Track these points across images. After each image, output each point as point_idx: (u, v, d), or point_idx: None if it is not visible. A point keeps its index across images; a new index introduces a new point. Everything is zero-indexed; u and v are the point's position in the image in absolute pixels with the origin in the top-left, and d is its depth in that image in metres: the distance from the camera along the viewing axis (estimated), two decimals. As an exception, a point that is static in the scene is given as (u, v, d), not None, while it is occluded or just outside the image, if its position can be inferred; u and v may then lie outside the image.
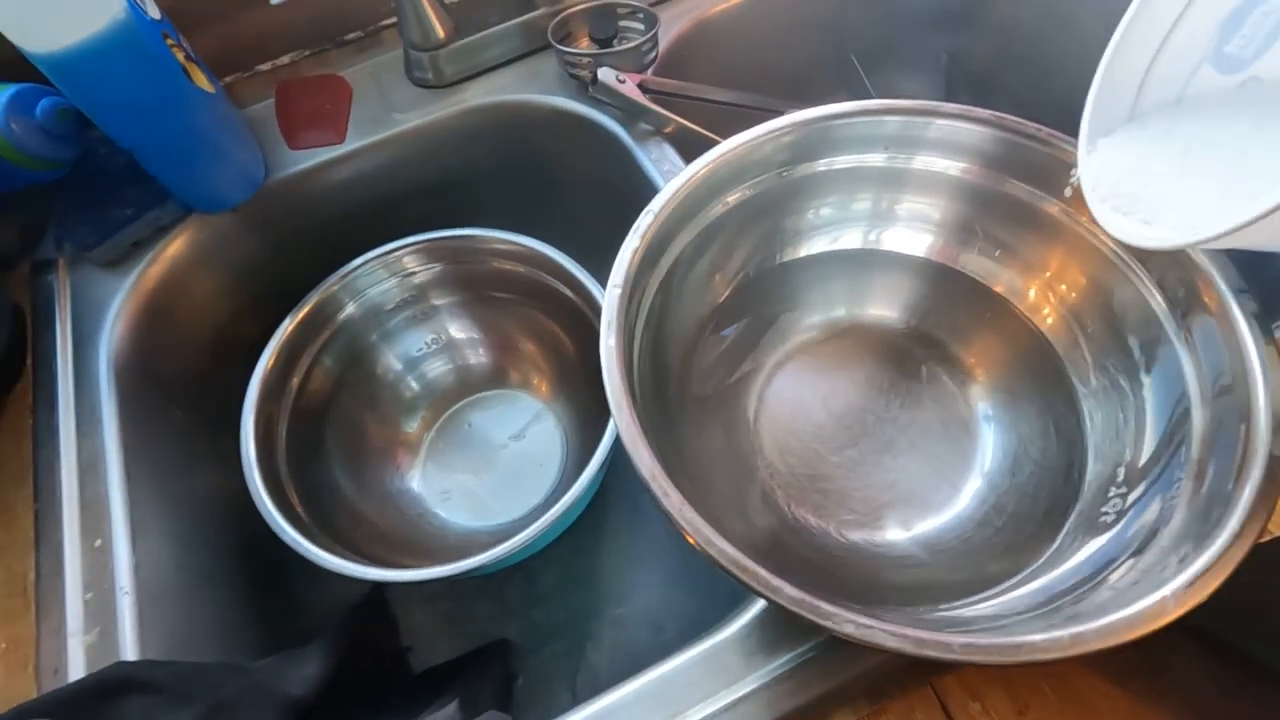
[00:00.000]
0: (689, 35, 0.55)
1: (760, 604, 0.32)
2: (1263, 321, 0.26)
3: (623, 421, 0.25)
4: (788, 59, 0.61)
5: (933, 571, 0.31)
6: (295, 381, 0.47)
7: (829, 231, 0.37)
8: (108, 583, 0.36)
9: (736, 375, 0.38)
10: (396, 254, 0.48)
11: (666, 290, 0.33)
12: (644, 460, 0.24)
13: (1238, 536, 0.22)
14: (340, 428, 0.50)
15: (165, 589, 0.38)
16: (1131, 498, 0.28)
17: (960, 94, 0.64)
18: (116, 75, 0.38)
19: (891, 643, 0.20)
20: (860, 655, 0.30)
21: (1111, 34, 0.53)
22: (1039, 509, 0.31)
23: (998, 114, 0.33)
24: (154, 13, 0.41)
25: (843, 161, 0.36)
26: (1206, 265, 0.27)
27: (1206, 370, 0.27)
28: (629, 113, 0.49)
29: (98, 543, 0.37)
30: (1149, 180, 0.26)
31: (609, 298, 0.28)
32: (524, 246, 0.46)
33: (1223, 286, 0.26)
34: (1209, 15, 0.26)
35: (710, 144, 0.48)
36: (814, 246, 0.37)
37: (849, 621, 0.21)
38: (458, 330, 0.54)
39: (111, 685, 0.31)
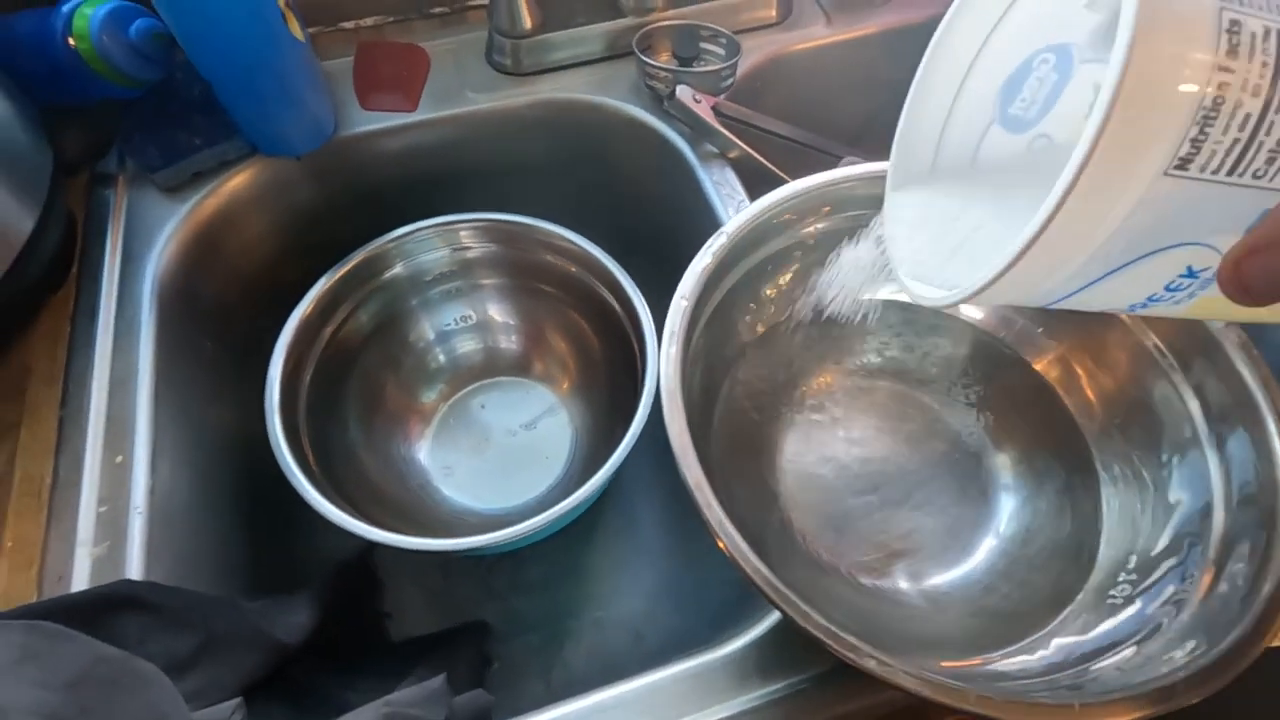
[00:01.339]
0: (764, 67, 0.56)
1: (761, 627, 0.33)
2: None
3: (675, 428, 0.26)
4: (853, 107, 0.62)
5: (936, 626, 0.32)
6: (329, 331, 0.48)
7: (893, 281, 0.38)
8: (123, 499, 0.36)
9: (774, 401, 0.39)
10: (454, 227, 0.49)
11: (725, 309, 0.34)
12: (691, 468, 0.25)
13: (1249, 640, 0.23)
14: (362, 386, 0.51)
15: (175, 514, 0.38)
16: (1141, 585, 0.29)
17: (1010, 171, 0.66)
18: (220, 10, 0.39)
19: (910, 684, 0.21)
20: (854, 692, 0.31)
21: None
22: (1047, 581, 0.32)
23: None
24: (264, -44, 0.42)
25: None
26: (1252, 382, 0.28)
27: (1234, 477, 0.28)
28: (697, 132, 0.50)
29: (119, 459, 0.37)
30: (935, 236, 0.26)
31: (674, 309, 0.29)
32: (580, 248, 0.47)
33: (1263, 405, 0.27)
34: (990, 79, 0.26)
35: (770, 174, 0.50)
36: (879, 291, 0.38)
37: (870, 657, 0.21)
38: (495, 312, 0.55)
39: (115, 600, 0.32)
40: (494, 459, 0.55)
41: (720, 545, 0.24)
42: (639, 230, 0.56)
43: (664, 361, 0.28)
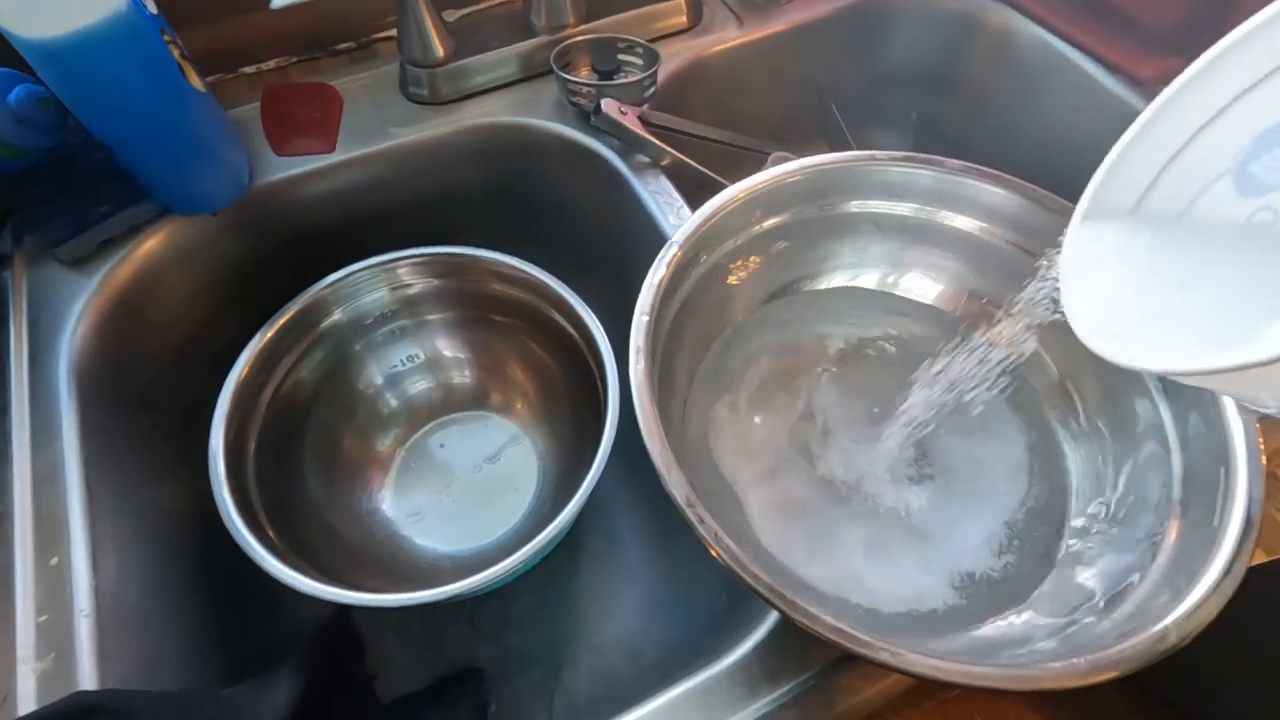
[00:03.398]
0: (683, 73, 0.57)
1: (762, 630, 0.32)
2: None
3: (655, 447, 0.25)
4: (774, 103, 0.63)
5: (929, 601, 0.33)
6: (270, 390, 0.45)
7: (849, 269, 0.39)
8: (65, 604, 0.33)
9: (738, 397, 0.39)
10: (393, 265, 0.47)
11: (684, 315, 0.34)
12: (678, 486, 0.24)
13: (1227, 571, 0.24)
14: (315, 441, 0.49)
15: (128, 611, 0.35)
16: (1115, 534, 0.30)
17: (928, 149, 0.68)
18: (110, 69, 0.37)
19: (924, 670, 0.21)
20: (862, 680, 0.31)
21: (1062, 115, 0.56)
22: (1029, 543, 0.33)
23: (1022, 181, 0.35)
24: (152, 8, 0.39)
25: (874, 206, 0.38)
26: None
27: (1186, 418, 0.30)
28: (628, 144, 0.50)
29: (53, 561, 0.34)
30: (1124, 286, 0.25)
31: (637, 325, 0.29)
32: (525, 273, 0.46)
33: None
34: (1245, 127, 0.24)
35: (704, 178, 0.50)
36: (833, 281, 0.39)
37: (884, 649, 0.21)
38: (445, 348, 0.53)
39: (72, 716, 0.29)
40: (461, 497, 0.53)
41: (714, 554, 0.24)
42: (582, 248, 0.56)
43: (634, 378, 0.27)
